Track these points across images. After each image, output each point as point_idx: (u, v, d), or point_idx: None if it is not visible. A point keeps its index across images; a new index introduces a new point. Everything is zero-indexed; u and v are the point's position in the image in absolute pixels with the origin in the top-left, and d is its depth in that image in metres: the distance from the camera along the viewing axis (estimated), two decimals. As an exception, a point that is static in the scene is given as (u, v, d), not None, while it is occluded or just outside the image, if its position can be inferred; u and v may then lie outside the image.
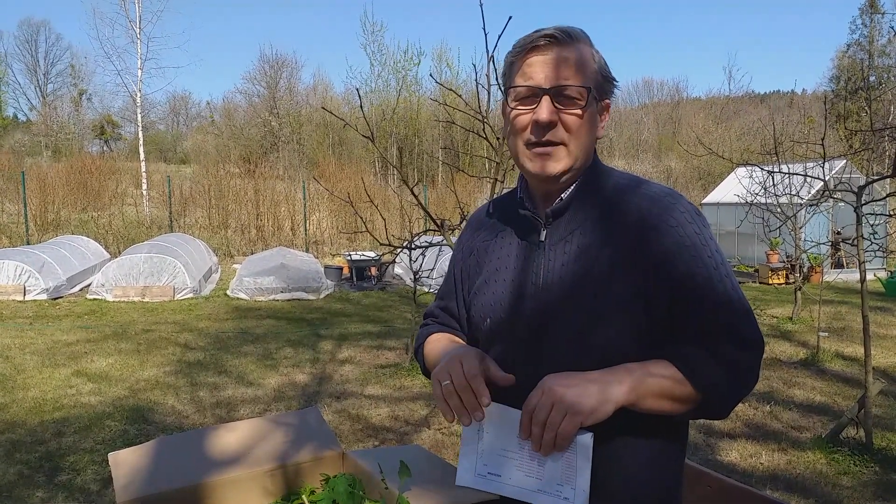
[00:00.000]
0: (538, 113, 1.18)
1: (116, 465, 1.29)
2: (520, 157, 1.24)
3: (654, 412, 1.14)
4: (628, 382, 1.10)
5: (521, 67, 1.21)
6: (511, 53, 1.24)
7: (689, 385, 1.12)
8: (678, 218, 1.19)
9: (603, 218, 1.22)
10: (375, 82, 30.00)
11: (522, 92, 1.20)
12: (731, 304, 1.15)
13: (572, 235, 1.23)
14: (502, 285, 1.29)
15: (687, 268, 1.16)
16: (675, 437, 1.26)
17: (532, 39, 1.20)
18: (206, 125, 43.92)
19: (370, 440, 4.80)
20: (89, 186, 19.93)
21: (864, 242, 4.92)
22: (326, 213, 19.03)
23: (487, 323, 1.30)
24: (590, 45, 1.23)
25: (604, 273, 1.18)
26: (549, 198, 1.27)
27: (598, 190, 1.26)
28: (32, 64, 43.76)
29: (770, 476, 4.21)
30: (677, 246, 1.16)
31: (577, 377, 1.10)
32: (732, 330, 1.15)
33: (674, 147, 31.82)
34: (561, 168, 1.21)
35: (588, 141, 1.23)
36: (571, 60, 1.18)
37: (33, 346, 7.47)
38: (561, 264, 1.22)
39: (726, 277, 1.17)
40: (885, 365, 6.79)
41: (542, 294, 1.22)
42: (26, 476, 4.14)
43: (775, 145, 8.43)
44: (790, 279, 11.99)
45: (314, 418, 1.49)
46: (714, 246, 1.19)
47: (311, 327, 8.73)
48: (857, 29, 36.75)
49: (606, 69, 1.25)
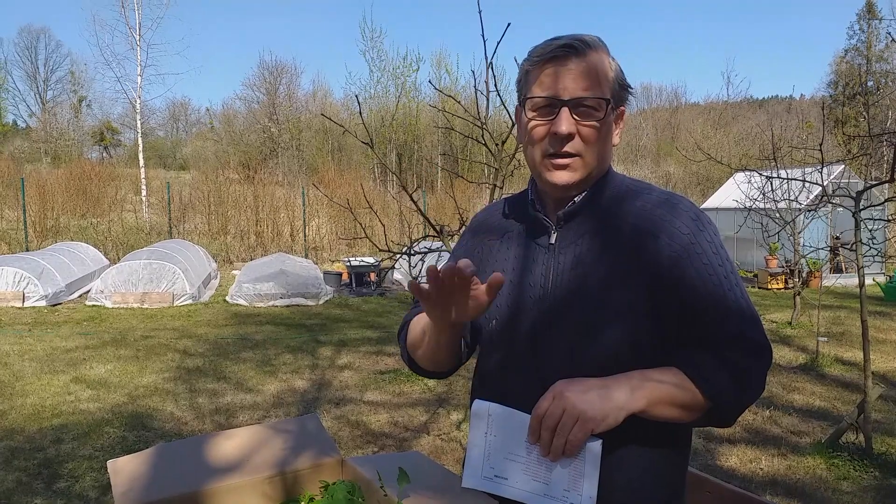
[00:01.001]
0: (557, 125, 1.18)
1: (115, 472, 1.29)
2: (537, 166, 1.25)
3: (663, 419, 1.14)
4: (639, 390, 1.10)
5: (539, 77, 1.21)
6: (527, 62, 1.24)
7: (699, 392, 1.12)
8: (689, 225, 1.19)
9: (613, 223, 1.23)
10: (375, 88, 30.11)
11: (540, 102, 1.20)
12: (741, 312, 1.15)
13: (582, 239, 1.23)
14: (509, 286, 1.28)
15: (697, 274, 1.16)
16: (678, 444, 1.26)
17: (549, 49, 1.19)
18: (205, 131, 44.02)
19: (369, 446, 4.79)
20: (89, 193, 19.95)
21: (862, 247, 4.92)
22: (326, 219, 19.05)
23: (493, 324, 1.30)
24: (607, 53, 1.23)
25: (613, 277, 1.18)
26: (560, 202, 1.27)
27: (610, 196, 1.26)
28: (32, 71, 43.85)
29: (770, 481, 4.21)
30: (687, 252, 1.17)
31: (589, 383, 1.10)
32: (742, 337, 1.15)
33: (672, 152, 31.86)
34: (577, 178, 1.22)
35: (604, 150, 1.24)
36: (589, 71, 1.18)
37: (32, 353, 7.46)
38: (570, 268, 1.22)
39: (736, 286, 1.17)
40: (885, 370, 6.79)
41: (551, 297, 1.22)
42: (25, 483, 4.13)
43: (774, 150, 8.45)
44: (789, 284, 11.99)
45: (313, 425, 1.48)
46: (725, 254, 1.19)
47: (311, 333, 8.73)
48: (854, 34, 36.91)
49: (623, 77, 1.25)
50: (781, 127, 19.40)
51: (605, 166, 1.27)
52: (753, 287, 12.97)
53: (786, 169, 8.44)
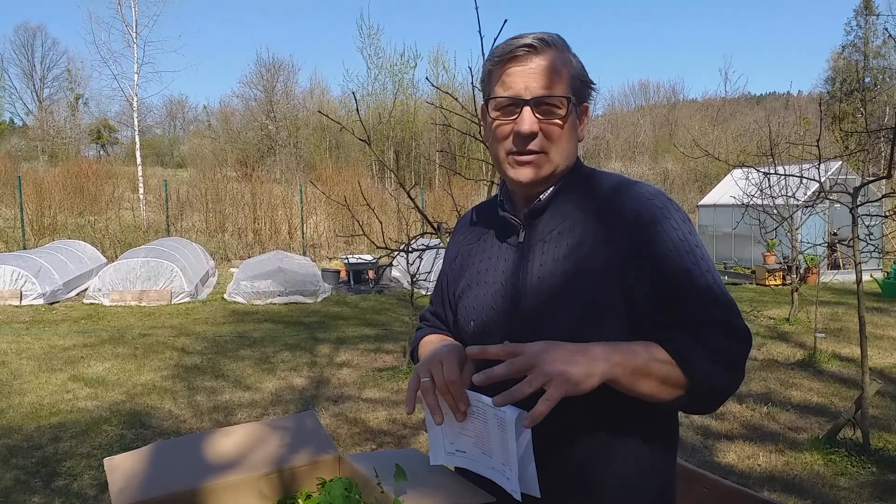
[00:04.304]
0: (519, 124, 1.20)
1: (112, 470, 1.29)
2: (502, 164, 1.27)
3: (638, 394, 1.12)
4: (615, 356, 1.08)
5: (501, 77, 1.22)
6: (489, 62, 1.26)
7: (678, 369, 1.11)
8: (656, 212, 1.20)
9: (585, 218, 1.23)
10: (372, 85, 30.06)
11: (503, 102, 1.22)
12: (717, 298, 1.15)
13: (550, 236, 1.24)
14: (485, 288, 1.31)
15: (673, 265, 1.16)
16: (665, 436, 1.27)
17: (510, 49, 1.21)
18: (202, 129, 43.93)
19: (368, 444, 4.79)
20: (86, 191, 19.89)
21: (860, 243, 4.92)
22: (323, 217, 19.03)
23: (472, 326, 1.32)
24: (567, 51, 1.24)
25: (587, 273, 1.18)
26: (528, 200, 1.29)
27: (579, 190, 1.27)
28: (29, 68, 43.70)
29: (767, 477, 4.21)
30: (662, 244, 1.17)
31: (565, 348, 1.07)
32: (722, 322, 1.14)
33: (670, 149, 31.87)
34: (542, 174, 1.23)
35: (569, 146, 1.25)
36: (550, 70, 1.20)
37: (30, 351, 7.45)
38: (540, 265, 1.23)
39: (708, 272, 1.17)
40: (882, 365, 6.80)
41: (524, 296, 1.24)
42: (23, 481, 4.13)
43: (771, 147, 8.46)
44: (787, 280, 12.01)
45: (311, 422, 1.48)
46: (694, 240, 1.20)
47: (309, 331, 8.72)
48: (852, 30, 36.96)
49: (584, 74, 1.26)
50: (779, 123, 19.41)
51: (571, 162, 1.28)
52: (751, 283, 12.99)
53: (783, 165, 8.46)
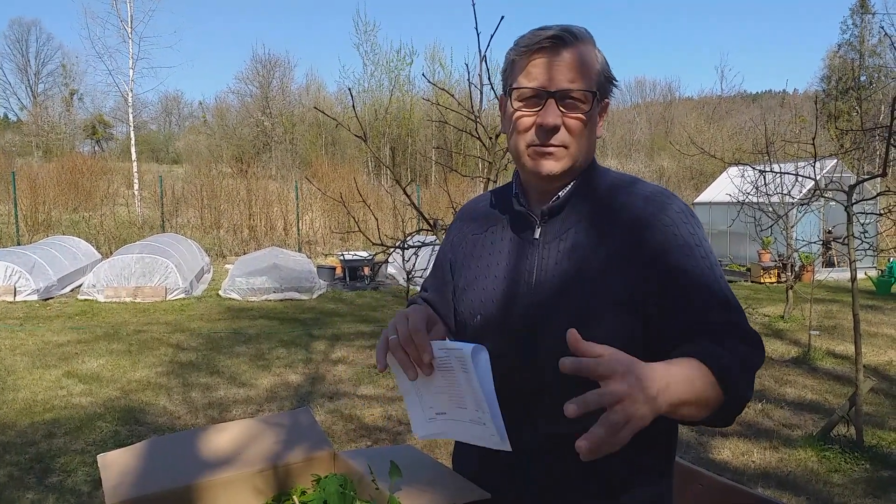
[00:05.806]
0: (543, 117, 1.17)
1: (105, 466, 1.28)
2: (521, 156, 1.24)
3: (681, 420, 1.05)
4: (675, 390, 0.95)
5: (526, 67, 1.20)
6: (514, 51, 1.23)
7: (717, 384, 1.02)
8: (672, 217, 1.19)
9: (598, 217, 1.22)
10: (368, 82, 30.01)
11: (527, 93, 1.20)
12: (728, 303, 1.15)
13: (567, 234, 1.23)
14: (493, 282, 1.28)
15: (680, 265, 1.15)
16: (664, 433, 1.26)
17: (538, 39, 1.19)
18: (198, 125, 43.85)
19: (363, 440, 4.79)
20: (80, 187, 19.83)
21: (854, 241, 4.94)
22: (319, 213, 19.00)
23: (478, 319, 1.29)
24: (593, 45, 1.23)
25: (598, 272, 1.18)
26: (544, 195, 1.27)
27: (595, 189, 1.26)
28: (23, 63, 43.50)
29: (762, 474, 4.23)
30: (671, 245, 1.16)
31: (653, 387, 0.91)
32: (737, 327, 1.12)
33: (666, 147, 31.91)
34: (561, 168, 1.21)
35: (589, 142, 1.24)
36: (576, 63, 1.18)
37: (24, 348, 7.42)
38: (555, 263, 1.21)
39: (721, 278, 1.17)
40: (876, 363, 6.83)
41: (535, 292, 1.22)
42: (17, 478, 4.11)
43: (767, 145, 8.47)
44: (782, 278, 12.04)
45: (306, 418, 1.48)
46: (707, 247, 1.19)
47: (304, 327, 8.71)
48: (847, 29, 37.06)
49: (608, 69, 1.25)
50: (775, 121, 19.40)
51: (590, 158, 1.27)
52: (746, 281, 13.03)
53: (779, 163, 8.46)
